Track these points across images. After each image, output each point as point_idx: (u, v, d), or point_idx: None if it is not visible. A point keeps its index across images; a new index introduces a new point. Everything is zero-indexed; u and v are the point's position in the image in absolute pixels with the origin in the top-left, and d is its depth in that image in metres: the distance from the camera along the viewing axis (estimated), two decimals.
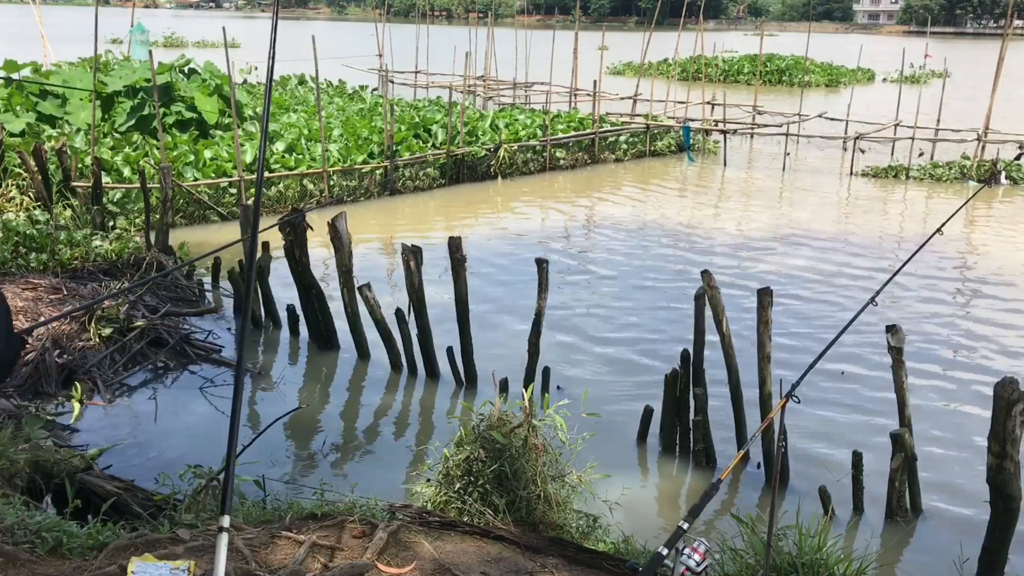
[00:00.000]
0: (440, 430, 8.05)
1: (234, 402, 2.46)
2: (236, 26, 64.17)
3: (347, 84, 30.90)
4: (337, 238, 9.00)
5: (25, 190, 13.46)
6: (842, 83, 46.02)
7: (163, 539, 4.47)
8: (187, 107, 18.15)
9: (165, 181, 11.89)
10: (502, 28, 49.93)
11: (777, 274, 13.02)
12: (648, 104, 27.16)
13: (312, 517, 4.88)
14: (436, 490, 5.44)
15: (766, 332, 6.98)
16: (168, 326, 9.52)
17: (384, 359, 9.23)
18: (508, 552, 4.73)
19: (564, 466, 5.53)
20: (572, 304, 11.58)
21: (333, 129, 18.70)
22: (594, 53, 25.35)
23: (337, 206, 15.53)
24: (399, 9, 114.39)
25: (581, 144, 21.94)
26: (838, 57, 50.26)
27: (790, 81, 44.62)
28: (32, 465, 5.53)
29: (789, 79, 44.80)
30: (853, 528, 6.67)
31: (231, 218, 14.67)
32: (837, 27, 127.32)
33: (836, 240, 15.36)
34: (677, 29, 30.99)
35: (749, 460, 7.50)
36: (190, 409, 8.23)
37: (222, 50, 15.60)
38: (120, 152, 15.56)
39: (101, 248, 10.96)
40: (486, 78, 35.52)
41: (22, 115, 17.13)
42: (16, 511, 4.66)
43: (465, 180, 19.01)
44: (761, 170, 22.46)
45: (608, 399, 8.59)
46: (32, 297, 9.14)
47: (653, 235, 15.56)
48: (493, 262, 13.45)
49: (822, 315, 11.30)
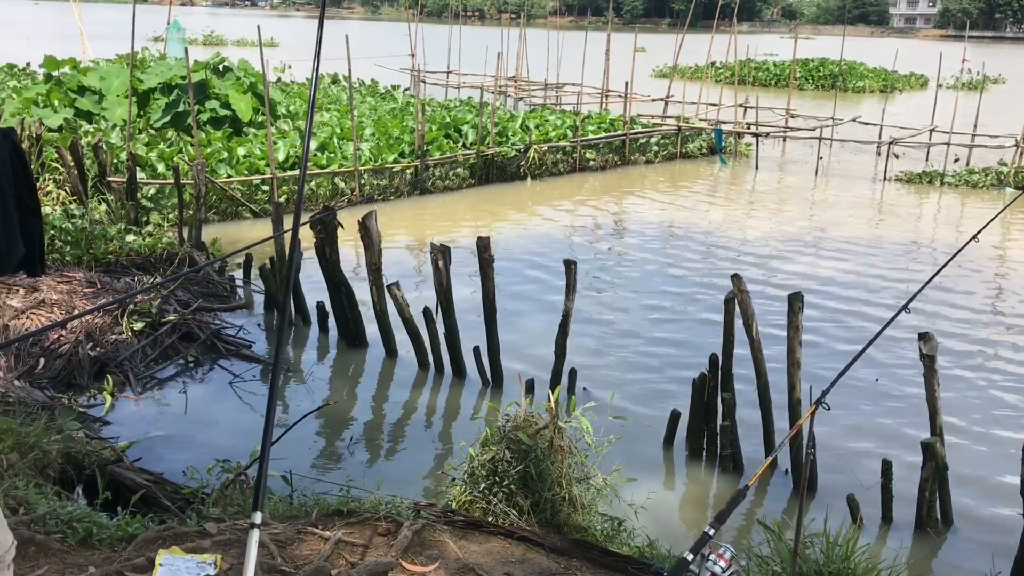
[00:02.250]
0: (466, 429, 8.06)
1: (269, 402, 2.48)
2: (272, 25, 64.80)
3: (379, 84, 31.04)
4: (367, 236, 9.04)
5: (62, 185, 13.65)
6: (897, 88, 45.17)
7: (191, 532, 4.51)
8: (221, 104, 18.32)
9: (199, 177, 12.01)
10: (534, 29, 49.92)
11: (808, 279, 12.89)
12: (680, 106, 27.03)
13: (338, 514, 4.90)
14: (461, 489, 5.45)
15: (796, 338, 6.92)
16: (199, 321, 9.61)
17: (412, 357, 9.26)
18: (532, 553, 4.73)
19: (590, 468, 5.51)
20: (600, 306, 11.55)
21: (365, 128, 18.79)
22: (626, 54, 25.27)
23: (367, 205, 15.61)
24: (432, 9, 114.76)
25: (611, 145, 21.88)
26: (873, 61, 49.54)
27: (844, 86, 43.81)
28: (64, 456, 5.60)
29: (843, 84, 43.98)
30: (882, 537, 6.59)
31: (263, 215, 14.79)
32: (872, 31, 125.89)
33: (868, 245, 15.20)
34: (710, 31, 30.82)
35: (777, 466, 7.44)
36: (219, 404, 8.30)
37: (260, 48, 15.74)
38: (155, 148, 15.75)
39: (135, 243, 11.09)
40: (517, 79, 35.53)
41: (60, 111, 17.39)
42: (48, 501, 4.72)
43: (495, 180, 19.02)
44: (793, 174, 22.27)
45: (635, 402, 8.56)
46: (67, 290, 9.26)
47: (682, 238, 15.48)
48: (521, 262, 13.44)
49: (853, 321, 11.18)
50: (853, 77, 45.27)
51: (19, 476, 5.00)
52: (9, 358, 7.87)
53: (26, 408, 6.43)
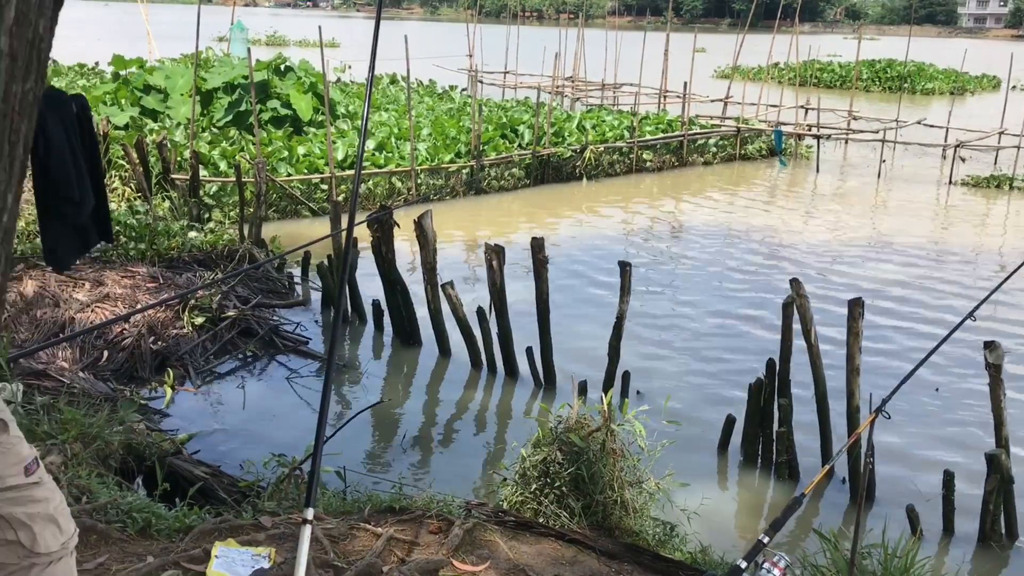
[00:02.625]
0: (517, 430, 8.06)
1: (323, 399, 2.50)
2: (333, 25, 65.52)
3: (437, 84, 31.21)
4: (423, 236, 9.10)
5: (127, 181, 13.98)
6: (968, 90, 44.05)
7: (246, 525, 4.57)
8: (282, 104, 18.60)
9: (259, 176, 12.20)
10: (592, 29, 49.76)
11: (869, 284, 12.64)
12: (739, 107, 26.72)
13: (390, 510, 4.93)
14: (512, 490, 5.44)
15: (856, 344, 6.79)
16: (258, 317, 9.77)
17: (465, 357, 9.29)
18: (583, 556, 4.70)
19: (642, 472, 5.47)
20: (654, 308, 11.46)
21: (422, 128, 18.91)
22: (685, 54, 25.04)
23: (423, 204, 15.70)
24: (491, 10, 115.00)
25: (669, 146, 21.70)
26: (941, 62, 48.29)
27: (912, 88, 42.79)
28: (125, 447, 5.73)
29: (911, 86, 42.94)
30: (943, 551, 6.43)
31: (322, 213, 14.97)
32: (940, 31, 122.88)
33: (932, 251, 14.85)
34: (771, 31, 30.39)
35: (834, 475, 7.30)
36: (276, 398, 8.42)
37: (320, 48, 15.94)
38: (217, 147, 16.05)
39: (196, 239, 11.30)
40: (575, 79, 35.44)
41: (127, 109, 17.81)
42: (109, 491, 4.83)
43: (550, 181, 19.00)
44: (855, 177, 21.86)
45: (689, 406, 8.47)
46: (130, 285, 9.48)
47: (740, 240, 15.29)
48: (575, 263, 13.40)
49: (915, 328, 10.93)
50: (922, 79, 43.99)
51: (82, 466, 5.13)
52: (74, 350, 8.08)
53: (90, 399, 6.59)
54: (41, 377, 7.26)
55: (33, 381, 7.00)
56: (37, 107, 1.30)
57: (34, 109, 1.29)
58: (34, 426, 5.36)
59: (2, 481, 2.43)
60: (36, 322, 8.40)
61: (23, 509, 2.47)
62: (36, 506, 2.50)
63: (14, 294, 8.71)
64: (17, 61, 1.21)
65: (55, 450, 5.11)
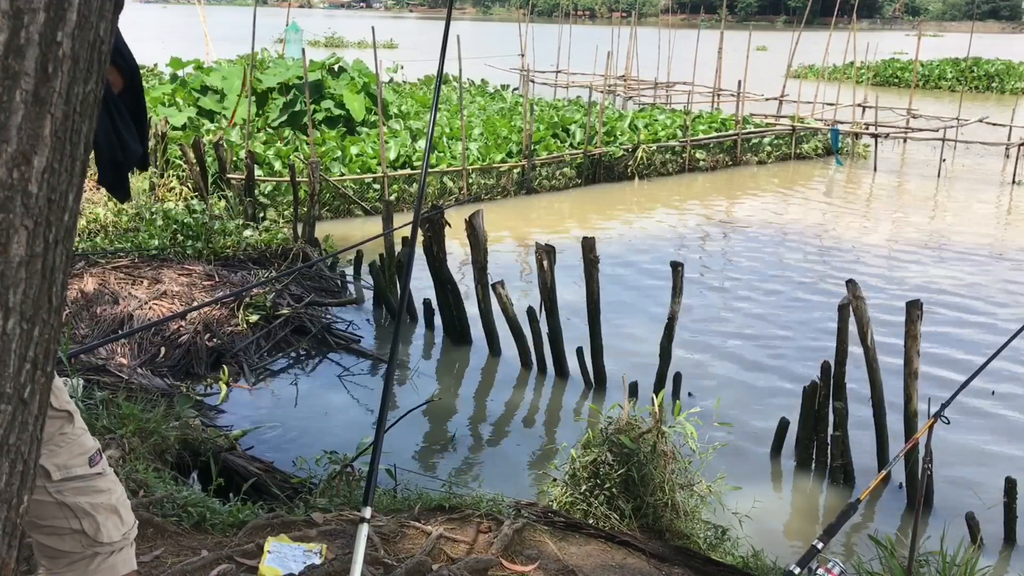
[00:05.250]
0: (567, 430, 8.04)
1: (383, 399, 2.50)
2: (386, 26, 66.07)
3: (489, 83, 31.28)
4: (473, 235, 9.12)
5: (184, 181, 14.25)
6: None
7: (298, 521, 4.62)
8: (336, 104, 18.79)
9: (313, 175, 12.34)
10: (645, 27, 49.45)
11: (927, 286, 12.36)
12: (795, 105, 26.34)
13: (440, 509, 4.95)
14: (562, 490, 5.43)
15: (914, 347, 6.64)
16: (311, 315, 9.88)
17: (515, 356, 9.29)
18: (633, 559, 4.67)
19: (693, 475, 5.42)
20: (707, 309, 11.34)
21: (474, 128, 18.97)
22: (739, 53, 24.75)
23: (474, 204, 15.75)
24: (543, 9, 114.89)
25: (722, 145, 21.47)
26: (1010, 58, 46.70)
27: (1000, 88, 41.43)
28: (181, 442, 5.83)
29: (1000, 85, 41.54)
30: (1004, 560, 6.26)
31: (374, 213, 15.10)
32: (1003, 26, 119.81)
33: (993, 253, 14.48)
34: (827, 28, 29.89)
35: (890, 480, 7.15)
36: (328, 396, 8.51)
37: (381, 49, 16.06)
38: (272, 146, 16.27)
39: (251, 238, 11.47)
40: (627, 78, 35.26)
41: (184, 109, 18.14)
42: (166, 485, 4.92)
43: (602, 180, 18.93)
44: (914, 177, 21.41)
45: (741, 409, 8.36)
46: (187, 282, 9.65)
47: (794, 241, 15.06)
48: (627, 263, 13.33)
49: (975, 332, 10.67)
50: (1012, 77, 42.27)
51: (140, 460, 5.23)
52: (132, 346, 8.26)
53: (147, 395, 6.73)
54: (100, 372, 7.43)
55: (93, 376, 7.16)
56: (98, 109, 1.33)
57: (95, 111, 1.31)
58: (93, 421, 5.48)
59: (68, 471, 2.49)
60: (96, 319, 8.60)
61: (87, 499, 2.52)
62: (99, 496, 2.55)
63: (75, 291, 8.93)
64: (79, 63, 1.23)
65: (114, 444, 5.22)
